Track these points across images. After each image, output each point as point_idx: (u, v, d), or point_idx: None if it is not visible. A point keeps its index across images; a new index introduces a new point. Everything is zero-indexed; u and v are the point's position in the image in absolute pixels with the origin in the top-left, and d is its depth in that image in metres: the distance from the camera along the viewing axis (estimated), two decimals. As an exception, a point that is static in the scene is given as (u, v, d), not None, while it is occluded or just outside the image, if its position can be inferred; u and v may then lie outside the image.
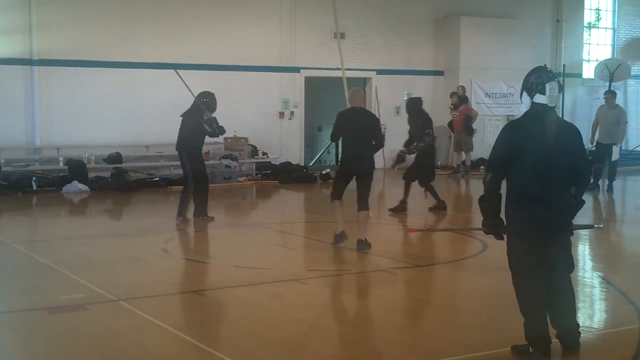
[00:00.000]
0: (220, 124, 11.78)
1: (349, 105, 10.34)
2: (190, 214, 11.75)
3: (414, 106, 13.15)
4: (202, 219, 11.86)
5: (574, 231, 5.81)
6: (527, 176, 5.50)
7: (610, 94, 16.74)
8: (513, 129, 5.76)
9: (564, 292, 5.63)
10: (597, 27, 25.16)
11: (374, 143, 9.90)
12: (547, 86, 5.53)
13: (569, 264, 5.69)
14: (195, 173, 11.68)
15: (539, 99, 5.56)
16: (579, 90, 24.28)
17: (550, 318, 5.61)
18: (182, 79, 12.12)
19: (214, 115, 11.73)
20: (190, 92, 11.87)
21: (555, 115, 5.63)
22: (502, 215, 5.70)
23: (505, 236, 5.75)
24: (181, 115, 11.86)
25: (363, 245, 9.69)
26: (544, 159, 5.46)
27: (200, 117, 11.57)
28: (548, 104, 5.55)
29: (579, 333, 5.69)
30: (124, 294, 7.39)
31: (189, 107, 11.82)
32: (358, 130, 9.75)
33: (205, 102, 11.65)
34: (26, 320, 6.79)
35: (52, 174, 16.64)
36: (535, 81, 5.58)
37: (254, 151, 18.92)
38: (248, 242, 10.89)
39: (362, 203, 9.78)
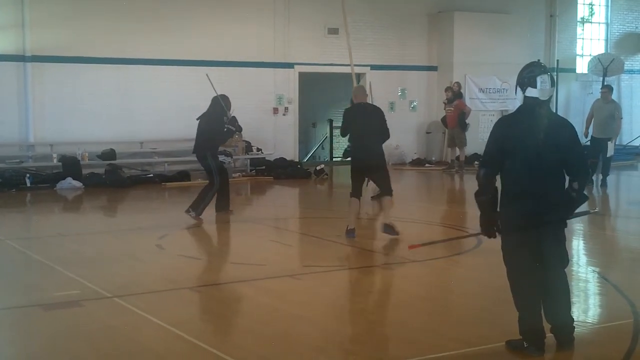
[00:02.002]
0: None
1: (354, 102, 10.57)
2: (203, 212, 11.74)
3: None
4: (224, 213, 11.97)
5: (569, 224, 5.82)
6: (519, 170, 5.51)
7: (607, 89, 16.75)
8: (505, 124, 5.79)
9: (558, 286, 5.64)
10: (591, 22, 25.18)
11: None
12: (539, 79, 5.54)
13: (563, 259, 5.70)
14: (221, 168, 11.97)
15: (531, 92, 5.57)
16: (572, 85, 24.31)
17: (545, 312, 5.62)
18: (211, 83, 12.31)
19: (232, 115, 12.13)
20: (216, 92, 12.11)
21: (548, 109, 5.64)
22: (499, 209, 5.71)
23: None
24: (197, 118, 12.01)
25: (390, 230, 9.96)
26: (536, 153, 5.48)
27: (221, 118, 11.88)
28: (540, 97, 5.56)
29: (573, 327, 5.70)
30: (119, 291, 7.38)
31: (206, 109, 12.02)
32: (365, 125, 10.07)
33: (228, 104, 12.02)
34: (21, 317, 6.78)
35: (45, 170, 16.61)
36: (527, 75, 5.60)
37: (248, 147, 18.90)
38: (243, 238, 10.90)
39: (386, 189, 10.13)
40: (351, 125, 10.26)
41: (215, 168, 11.81)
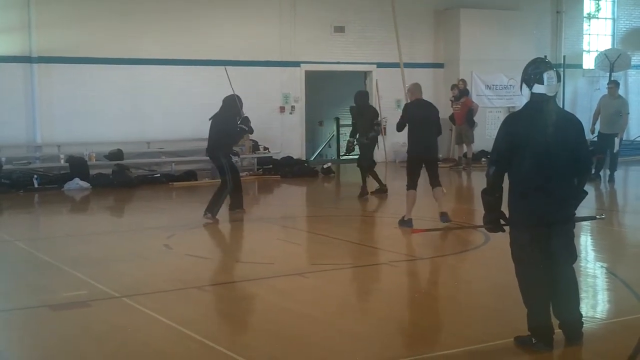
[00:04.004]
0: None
1: (409, 99, 11.28)
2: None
3: (364, 99, 14.21)
4: (237, 212, 12.08)
5: (577, 223, 5.82)
6: (528, 167, 5.50)
7: (614, 84, 16.72)
8: (513, 121, 5.80)
9: (567, 282, 5.64)
10: (597, 18, 25.10)
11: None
12: (545, 75, 5.54)
13: (572, 255, 5.70)
14: (232, 167, 12.01)
15: (538, 89, 5.57)
16: (579, 81, 24.22)
17: (553, 308, 5.61)
18: (228, 78, 12.43)
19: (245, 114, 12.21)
20: (232, 89, 12.20)
21: (555, 105, 5.65)
22: (504, 208, 5.71)
23: (507, 228, 5.76)
24: (210, 119, 12.04)
25: (445, 217, 10.69)
26: (544, 149, 5.47)
27: (234, 118, 11.98)
28: (547, 94, 5.56)
29: (582, 323, 5.70)
30: (127, 291, 7.40)
31: (219, 109, 12.03)
32: (425, 120, 10.81)
33: (240, 104, 12.06)
34: (30, 317, 6.81)
35: (53, 171, 16.64)
36: (533, 72, 5.60)
37: (255, 146, 18.90)
38: (250, 237, 10.91)
39: (435, 181, 10.87)
40: (410, 121, 10.86)
41: (227, 168, 11.83)
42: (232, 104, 11.96)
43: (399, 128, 11.25)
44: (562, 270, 5.62)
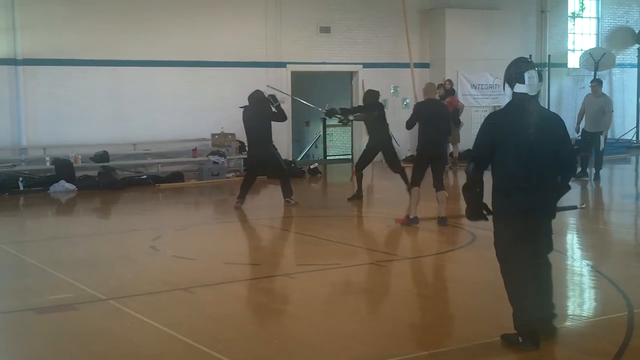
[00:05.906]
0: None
1: (423, 98, 11.39)
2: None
3: (374, 97, 14.11)
4: (290, 202, 13.14)
5: (562, 218, 5.87)
6: (511, 165, 5.55)
7: (597, 83, 16.79)
8: (494, 119, 5.87)
9: (543, 276, 5.76)
10: (582, 17, 25.22)
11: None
12: (526, 75, 5.58)
13: (549, 244, 5.89)
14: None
15: (519, 88, 5.62)
16: (564, 80, 24.33)
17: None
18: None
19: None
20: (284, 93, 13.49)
21: (537, 104, 5.70)
22: (486, 201, 5.75)
23: (491, 220, 5.82)
24: (242, 107, 13.07)
25: (444, 222, 10.71)
26: (527, 148, 5.52)
27: (268, 107, 13.10)
28: (528, 93, 5.61)
29: (555, 315, 5.81)
30: (114, 293, 7.38)
31: (249, 105, 13.10)
32: (435, 119, 10.92)
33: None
34: (15, 321, 6.77)
35: (38, 174, 16.55)
36: (514, 71, 5.66)
37: (242, 147, 18.84)
38: (237, 238, 10.89)
39: (439, 184, 10.91)
40: (420, 119, 10.99)
41: (278, 154, 13.15)
42: (260, 97, 12.89)
43: (409, 125, 11.38)
44: (541, 264, 5.71)
